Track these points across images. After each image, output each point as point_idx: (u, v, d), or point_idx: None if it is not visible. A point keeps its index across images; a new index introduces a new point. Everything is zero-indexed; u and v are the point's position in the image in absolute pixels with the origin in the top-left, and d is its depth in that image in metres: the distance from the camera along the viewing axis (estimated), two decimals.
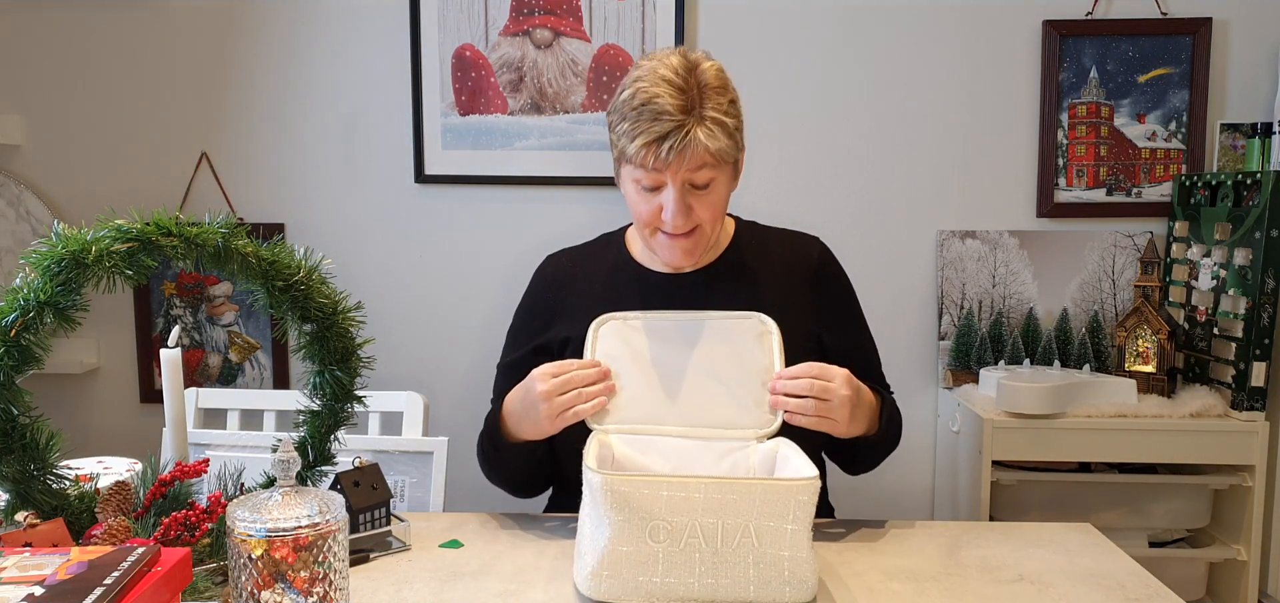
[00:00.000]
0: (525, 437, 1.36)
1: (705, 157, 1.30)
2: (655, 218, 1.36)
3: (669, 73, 1.30)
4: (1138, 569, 1.25)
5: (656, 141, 1.28)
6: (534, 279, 1.58)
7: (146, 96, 2.29)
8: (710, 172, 1.32)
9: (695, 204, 1.35)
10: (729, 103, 1.33)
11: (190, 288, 2.32)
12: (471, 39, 2.23)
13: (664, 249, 1.41)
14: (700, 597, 1.08)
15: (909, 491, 2.31)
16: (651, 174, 1.32)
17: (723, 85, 1.33)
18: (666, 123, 1.28)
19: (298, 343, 1.25)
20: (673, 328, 1.34)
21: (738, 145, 1.35)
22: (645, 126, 1.29)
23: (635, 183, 1.36)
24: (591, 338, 1.34)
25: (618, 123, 1.34)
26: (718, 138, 1.29)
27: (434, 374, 2.31)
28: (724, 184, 1.37)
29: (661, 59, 1.33)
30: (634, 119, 1.30)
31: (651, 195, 1.35)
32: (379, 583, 1.19)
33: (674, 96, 1.28)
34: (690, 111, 1.29)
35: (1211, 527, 2.08)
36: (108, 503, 1.13)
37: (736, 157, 1.37)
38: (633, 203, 1.39)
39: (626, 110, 1.32)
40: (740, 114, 1.36)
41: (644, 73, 1.32)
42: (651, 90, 1.29)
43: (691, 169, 1.31)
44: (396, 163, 2.29)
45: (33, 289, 1.06)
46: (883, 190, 2.26)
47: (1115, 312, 2.22)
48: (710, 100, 1.30)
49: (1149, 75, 2.19)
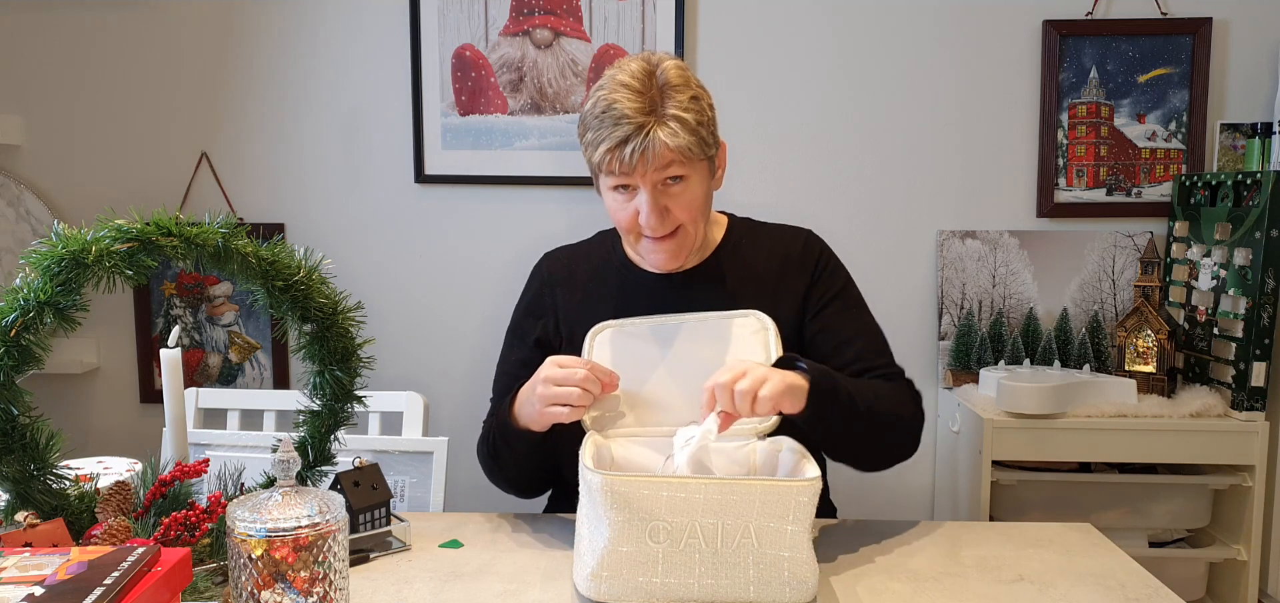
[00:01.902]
0: (524, 424, 1.36)
1: (670, 155, 1.30)
2: (634, 223, 1.37)
3: (628, 78, 1.32)
4: (1138, 569, 1.25)
5: (619, 145, 1.30)
6: (531, 278, 1.58)
7: (146, 96, 2.29)
8: (680, 168, 1.33)
9: (671, 205, 1.35)
10: (691, 98, 1.32)
11: (190, 288, 2.33)
12: (471, 39, 2.23)
13: (648, 253, 1.42)
14: (700, 597, 1.07)
15: (909, 491, 2.31)
16: (621, 178, 1.33)
17: (685, 82, 1.33)
18: (627, 126, 1.29)
19: (298, 343, 1.25)
20: (670, 330, 1.34)
21: (705, 141, 1.34)
22: (608, 132, 1.30)
23: (610, 190, 1.38)
24: (588, 346, 1.34)
25: (584, 133, 1.36)
26: (680, 135, 1.29)
27: (434, 374, 2.31)
28: (699, 182, 1.37)
29: (622, 66, 1.34)
30: (597, 126, 1.32)
31: (627, 201, 1.36)
32: (379, 583, 1.19)
33: (633, 99, 1.30)
34: (651, 112, 1.30)
35: (1211, 527, 2.08)
36: (108, 503, 1.13)
37: (708, 153, 1.36)
38: (612, 211, 1.40)
39: (590, 119, 1.34)
40: (706, 110, 1.35)
41: (605, 81, 1.34)
42: (612, 97, 1.31)
43: (659, 169, 1.31)
44: (396, 163, 2.29)
45: (33, 289, 1.06)
46: (883, 190, 2.26)
47: (1115, 312, 2.22)
48: (671, 99, 1.31)
49: (1149, 75, 2.19)
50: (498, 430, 1.43)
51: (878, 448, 1.41)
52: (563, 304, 1.51)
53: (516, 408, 1.39)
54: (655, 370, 1.32)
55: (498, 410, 1.46)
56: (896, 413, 1.39)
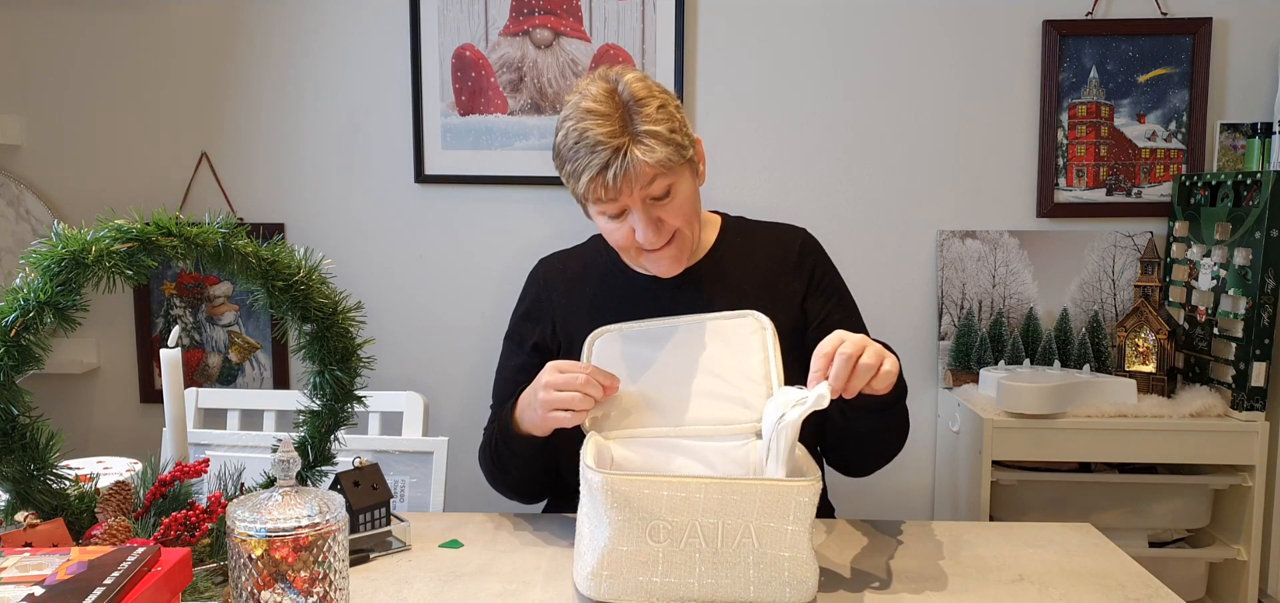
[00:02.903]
0: (526, 429, 1.36)
1: (650, 171, 1.30)
2: (631, 241, 1.37)
3: (591, 103, 1.31)
4: (1138, 569, 1.25)
5: (600, 173, 1.29)
6: (528, 283, 1.59)
7: (146, 96, 2.29)
8: (664, 180, 1.33)
9: (663, 215, 1.36)
10: (658, 109, 1.32)
11: (190, 288, 2.32)
12: (471, 39, 2.23)
13: (651, 266, 1.43)
14: (700, 597, 1.08)
15: (909, 491, 2.31)
16: (609, 204, 1.33)
17: (648, 94, 1.33)
18: (603, 152, 1.29)
19: (298, 343, 1.25)
20: (668, 332, 1.34)
21: (682, 146, 1.34)
22: (585, 161, 1.30)
23: (601, 215, 1.37)
24: (587, 351, 1.34)
25: (562, 167, 1.36)
26: (655, 150, 1.29)
27: (434, 374, 2.31)
28: (685, 185, 1.37)
29: (583, 91, 1.34)
30: (573, 158, 1.32)
31: (620, 222, 1.36)
32: (379, 583, 1.19)
33: (602, 124, 1.29)
34: (623, 132, 1.29)
35: (1211, 527, 2.08)
36: (108, 503, 1.13)
37: (687, 156, 1.36)
38: (607, 233, 1.41)
39: (565, 152, 1.33)
40: (674, 115, 1.35)
41: (571, 110, 1.33)
42: (580, 126, 1.30)
43: (644, 185, 1.31)
44: (396, 163, 2.29)
45: (33, 289, 1.06)
46: (883, 190, 2.26)
47: (1115, 312, 2.22)
48: (638, 115, 1.30)
49: (1149, 75, 2.19)
50: (500, 437, 1.43)
51: (889, 448, 1.43)
52: (560, 309, 1.51)
53: (518, 414, 1.39)
54: (654, 372, 1.32)
55: (499, 417, 1.46)
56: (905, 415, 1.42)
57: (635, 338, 1.34)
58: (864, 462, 1.45)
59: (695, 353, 1.32)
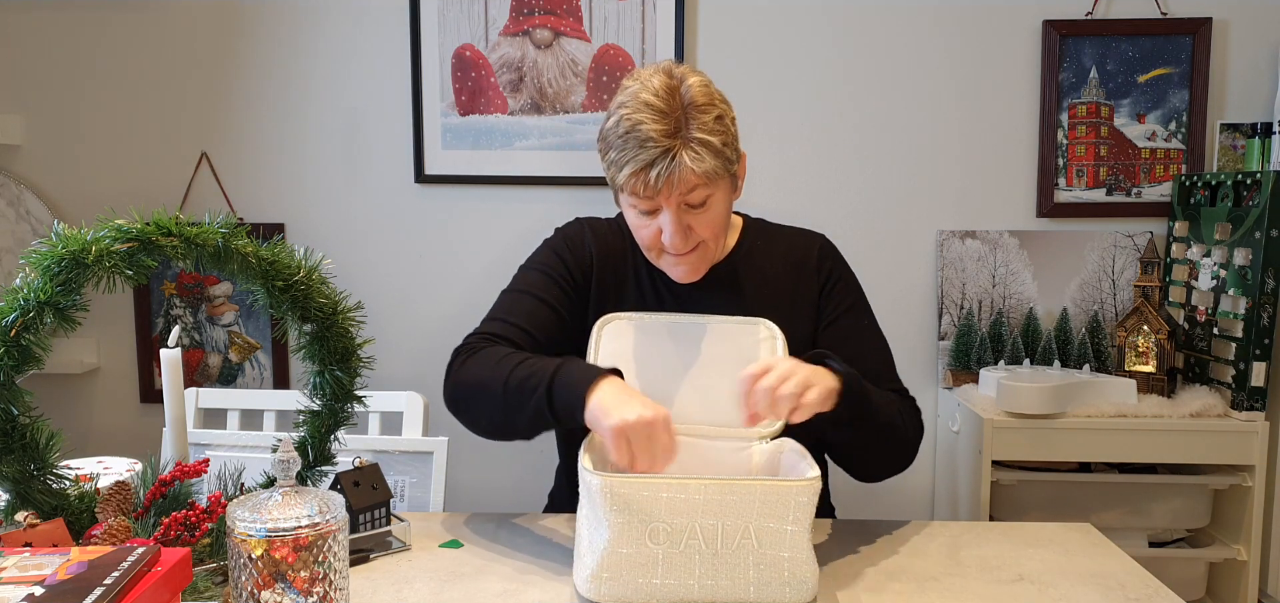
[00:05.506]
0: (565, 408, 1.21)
1: (695, 179, 1.28)
2: (656, 241, 1.35)
3: (651, 97, 1.28)
4: (1138, 569, 1.25)
5: (644, 169, 1.27)
6: (571, 227, 1.52)
7: (147, 96, 2.29)
8: (703, 191, 1.31)
9: (694, 223, 1.33)
10: (715, 120, 1.29)
11: (190, 288, 2.32)
12: (471, 39, 2.23)
13: (670, 268, 1.40)
14: (700, 598, 1.08)
15: (909, 491, 2.31)
16: (645, 201, 1.31)
17: (709, 101, 1.30)
18: (652, 150, 1.26)
19: (298, 343, 1.25)
20: (677, 329, 1.34)
21: (729, 160, 1.32)
22: (632, 155, 1.27)
23: (632, 208, 1.35)
24: (595, 335, 1.34)
25: (606, 151, 1.33)
26: (705, 159, 1.27)
27: (434, 374, 2.28)
28: (721, 199, 1.35)
29: (645, 81, 1.30)
30: (620, 147, 1.29)
31: (650, 220, 1.34)
32: (379, 583, 1.19)
33: (658, 121, 1.26)
34: (675, 134, 1.27)
35: (1211, 527, 2.08)
36: (108, 503, 1.13)
37: (732, 170, 1.34)
38: (634, 227, 1.39)
39: (613, 139, 1.30)
40: (729, 127, 1.33)
41: (628, 98, 1.30)
42: (635, 117, 1.27)
43: (683, 192, 1.29)
44: (396, 163, 2.29)
45: (33, 289, 1.06)
46: (883, 190, 2.26)
47: (1115, 312, 2.22)
48: (695, 121, 1.28)
49: (1149, 75, 2.19)
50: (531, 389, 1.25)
51: (882, 459, 1.41)
52: (597, 270, 1.47)
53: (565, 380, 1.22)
54: (660, 368, 1.32)
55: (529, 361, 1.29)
56: (904, 427, 1.40)
57: (645, 330, 1.34)
58: (864, 468, 1.44)
59: (702, 353, 1.32)
